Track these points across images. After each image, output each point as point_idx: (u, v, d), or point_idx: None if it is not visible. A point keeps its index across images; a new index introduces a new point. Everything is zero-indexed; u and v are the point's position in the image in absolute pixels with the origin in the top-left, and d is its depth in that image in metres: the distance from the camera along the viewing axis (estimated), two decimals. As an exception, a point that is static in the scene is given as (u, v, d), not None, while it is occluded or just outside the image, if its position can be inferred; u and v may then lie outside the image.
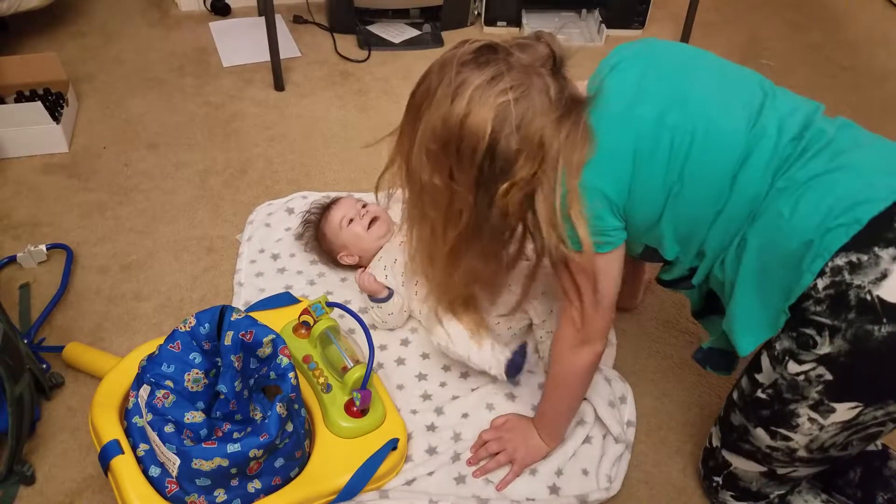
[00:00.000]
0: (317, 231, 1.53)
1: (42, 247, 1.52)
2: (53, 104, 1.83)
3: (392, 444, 1.16)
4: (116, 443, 1.09)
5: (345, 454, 1.15)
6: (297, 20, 2.37)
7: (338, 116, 1.99)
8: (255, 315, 1.23)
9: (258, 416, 1.14)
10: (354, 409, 1.17)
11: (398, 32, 2.33)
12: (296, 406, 1.09)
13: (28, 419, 1.17)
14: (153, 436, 1.04)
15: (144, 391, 1.08)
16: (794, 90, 1.02)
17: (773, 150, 0.94)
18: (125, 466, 1.07)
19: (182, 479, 1.04)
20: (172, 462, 1.02)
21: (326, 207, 1.54)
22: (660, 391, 1.36)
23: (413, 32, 2.33)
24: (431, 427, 1.26)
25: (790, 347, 0.95)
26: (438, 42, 2.30)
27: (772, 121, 0.96)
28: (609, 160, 0.96)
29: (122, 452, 1.08)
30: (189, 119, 1.96)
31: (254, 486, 1.08)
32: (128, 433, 1.11)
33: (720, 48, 2.33)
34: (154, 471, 1.06)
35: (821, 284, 0.89)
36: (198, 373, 1.13)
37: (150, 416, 1.04)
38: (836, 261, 0.88)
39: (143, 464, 1.07)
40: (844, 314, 0.89)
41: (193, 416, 1.06)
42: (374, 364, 1.27)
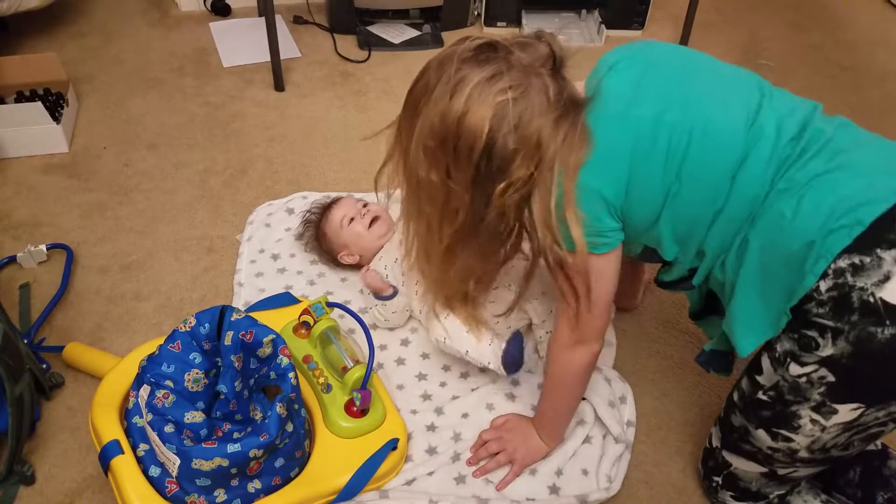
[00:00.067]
0: (317, 231, 1.53)
1: (42, 247, 1.52)
2: (53, 104, 1.83)
3: (392, 444, 1.16)
4: (116, 443, 1.09)
5: (345, 454, 1.15)
6: (298, 20, 2.37)
7: (338, 117, 1.99)
8: (255, 315, 1.23)
9: (258, 416, 1.14)
10: (354, 409, 1.17)
11: (398, 33, 2.32)
12: (296, 406, 1.09)
13: (28, 419, 1.17)
14: (153, 436, 1.04)
15: (144, 391, 1.08)
16: (794, 91, 1.02)
17: (772, 151, 0.94)
18: (125, 466, 1.07)
19: (182, 479, 1.04)
20: (172, 462, 1.02)
21: (327, 207, 1.54)
22: (660, 391, 1.36)
23: (413, 33, 2.33)
24: (431, 427, 1.26)
25: (791, 349, 0.95)
26: (438, 42, 2.30)
27: (770, 121, 0.95)
28: (606, 161, 0.96)
29: (122, 452, 1.08)
30: (189, 119, 1.96)
31: (254, 486, 1.08)
32: (128, 433, 1.11)
33: (720, 48, 2.34)
34: (154, 471, 1.06)
35: (823, 286, 0.89)
36: (198, 373, 1.13)
37: (151, 416, 1.04)
38: (839, 262, 0.88)
39: (143, 464, 1.07)
40: (847, 316, 0.88)
41: (193, 416, 1.06)
42: (374, 364, 1.27)
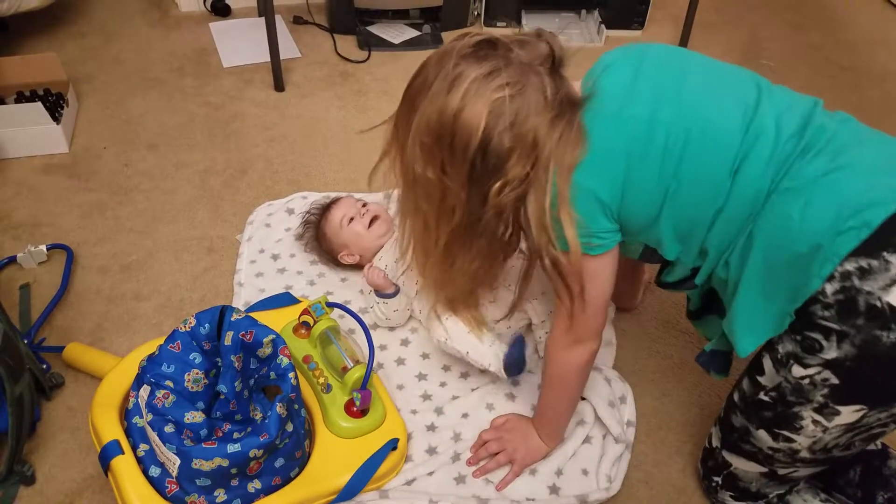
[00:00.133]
0: (317, 231, 1.53)
1: (42, 247, 1.52)
2: (53, 104, 1.83)
3: (392, 444, 1.16)
4: (116, 443, 1.09)
5: (345, 454, 1.15)
6: (297, 21, 2.37)
7: (338, 117, 1.99)
8: (255, 315, 1.23)
9: (258, 417, 1.14)
10: (354, 410, 1.17)
11: (398, 33, 2.33)
12: (296, 406, 1.09)
13: (28, 419, 1.17)
14: (153, 436, 1.04)
15: (144, 391, 1.08)
16: (794, 91, 1.02)
17: (773, 148, 0.93)
18: (125, 466, 1.07)
19: (182, 479, 1.04)
20: (172, 462, 1.02)
21: (326, 207, 1.54)
22: (660, 391, 1.36)
23: (413, 33, 2.33)
24: (431, 427, 1.26)
25: (794, 351, 0.94)
26: (438, 42, 2.30)
27: (769, 118, 0.94)
28: (601, 161, 0.95)
29: (123, 452, 1.08)
30: (189, 119, 1.96)
31: (254, 486, 1.08)
32: (128, 433, 1.11)
33: (720, 48, 2.34)
34: (154, 471, 1.06)
35: (829, 289, 0.88)
36: (198, 373, 1.13)
37: (151, 417, 1.04)
38: (846, 266, 0.87)
39: (144, 464, 1.07)
40: (853, 320, 0.88)
41: (193, 417, 1.06)
42: (374, 364, 1.27)
